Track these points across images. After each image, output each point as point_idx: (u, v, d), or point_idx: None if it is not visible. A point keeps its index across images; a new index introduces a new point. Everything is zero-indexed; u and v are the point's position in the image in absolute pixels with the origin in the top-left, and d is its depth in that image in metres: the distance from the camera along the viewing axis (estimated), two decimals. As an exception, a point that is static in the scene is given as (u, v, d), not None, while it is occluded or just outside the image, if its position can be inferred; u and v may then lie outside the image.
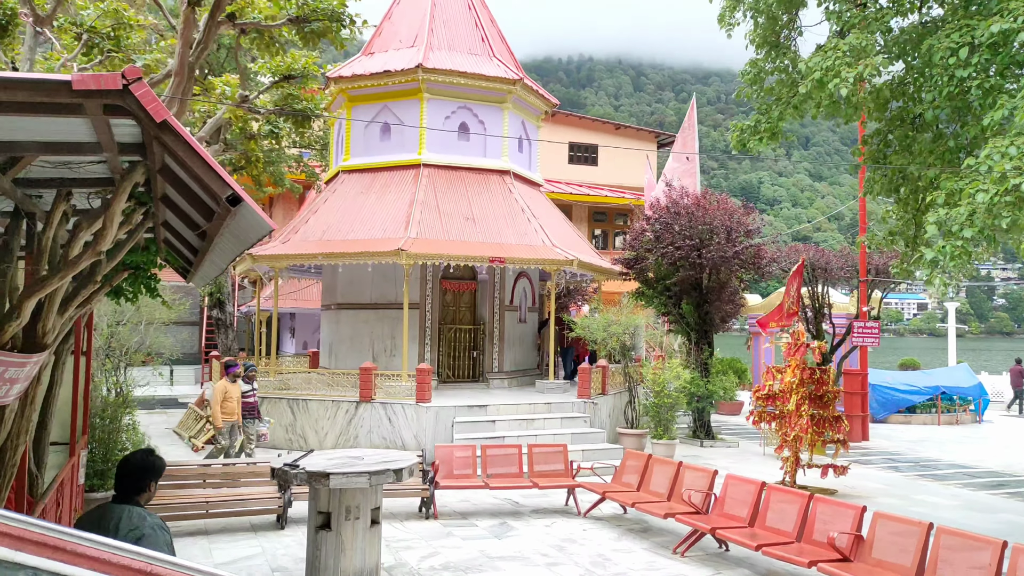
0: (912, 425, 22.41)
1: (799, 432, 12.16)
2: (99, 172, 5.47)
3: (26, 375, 5.71)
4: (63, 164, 5.32)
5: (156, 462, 4.42)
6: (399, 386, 15.24)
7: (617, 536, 10.15)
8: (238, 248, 5.76)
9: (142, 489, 4.30)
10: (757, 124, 11.38)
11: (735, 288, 18.05)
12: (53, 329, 6.01)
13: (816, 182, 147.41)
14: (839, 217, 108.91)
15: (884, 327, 18.89)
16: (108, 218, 5.30)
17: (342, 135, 19.07)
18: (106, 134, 4.27)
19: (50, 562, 2.48)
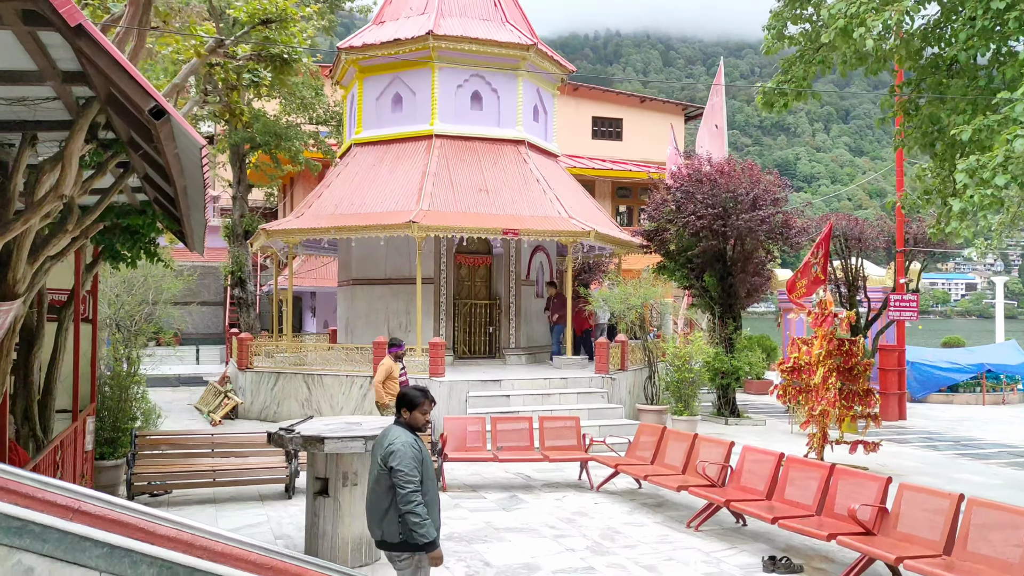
0: (954, 405, 21.54)
1: (826, 406, 11.61)
2: (59, 112, 5.23)
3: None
4: (19, 101, 5.07)
5: (407, 394, 5.30)
6: (413, 361, 14.95)
7: (629, 510, 9.79)
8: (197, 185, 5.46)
9: (399, 414, 5.28)
10: (780, 84, 10.88)
11: (761, 260, 17.41)
12: (23, 278, 5.80)
13: (857, 157, 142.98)
14: (881, 194, 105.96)
15: (929, 308, 18.13)
16: (65, 158, 5.04)
17: (354, 107, 18.76)
18: (41, 56, 4.00)
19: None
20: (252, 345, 16.99)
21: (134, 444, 9.88)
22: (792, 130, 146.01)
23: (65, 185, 5.02)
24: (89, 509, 2.48)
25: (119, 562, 2.49)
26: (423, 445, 5.18)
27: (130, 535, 2.53)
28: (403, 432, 5.12)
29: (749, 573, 7.45)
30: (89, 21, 3.26)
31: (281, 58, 10.34)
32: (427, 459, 5.10)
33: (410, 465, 4.94)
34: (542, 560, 7.76)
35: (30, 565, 2.37)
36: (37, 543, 2.36)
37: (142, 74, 3.72)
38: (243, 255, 23.73)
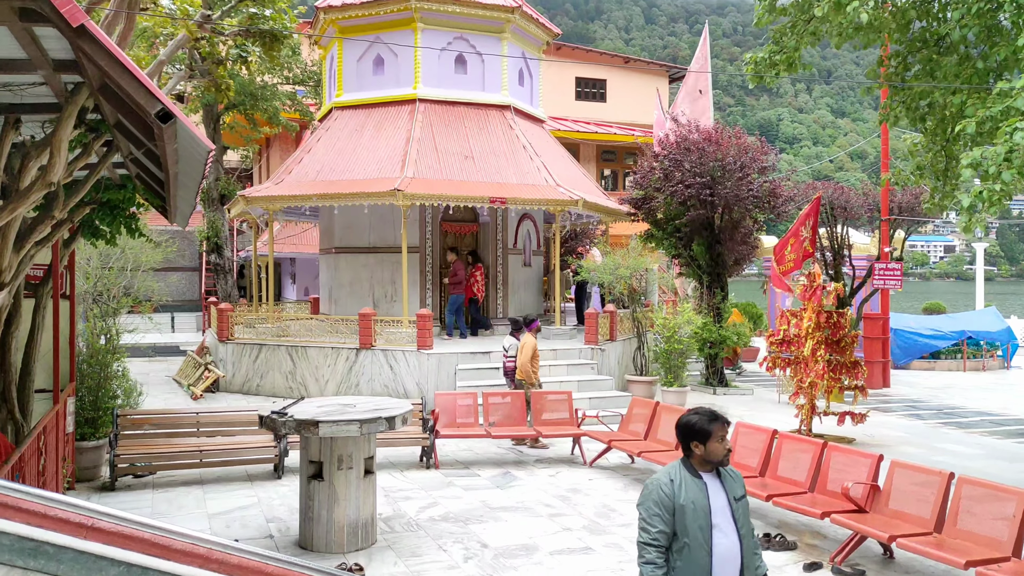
0: (936, 371, 21.76)
1: (815, 378, 11.67)
2: (45, 96, 4.95)
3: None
4: (3, 87, 4.79)
5: (693, 424, 3.95)
6: (400, 332, 14.81)
7: (623, 486, 9.79)
8: (194, 176, 5.23)
9: (687, 451, 3.99)
10: (772, 55, 10.66)
11: (749, 228, 17.33)
12: (10, 267, 5.56)
13: (838, 118, 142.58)
14: (862, 155, 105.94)
15: (908, 270, 18.17)
16: (55, 145, 4.77)
17: (334, 69, 18.26)
18: (33, 47, 3.74)
19: None
20: (233, 316, 16.69)
21: (116, 424, 9.63)
22: (774, 90, 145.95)
23: (54, 172, 4.77)
24: (103, 526, 2.38)
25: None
26: (699, 486, 3.87)
27: (146, 551, 2.44)
28: (671, 469, 3.94)
29: (746, 551, 7.49)
30: (91, 21, 3.02)
31: (271, 34, 9.97)
32: (695, 507, 3.80)
33: (648, 510, 3.83)
34: (539, 540, 7.74)
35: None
36: (52, 564, 2.27)
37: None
38: (219, 220, 23.24)
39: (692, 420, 3.95)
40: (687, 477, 3.88)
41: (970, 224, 7.67)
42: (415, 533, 7.96)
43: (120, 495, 9.20)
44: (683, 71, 32.98)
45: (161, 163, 4.84)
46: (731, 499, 3.89)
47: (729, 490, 3.92)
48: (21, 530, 2.19)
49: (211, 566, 2.51)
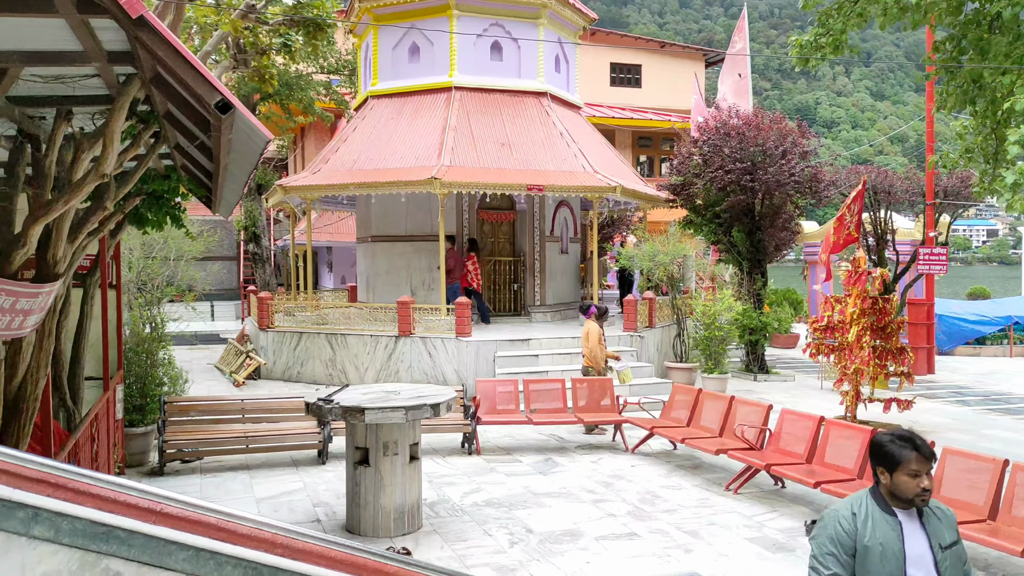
0: (981, 357, 21.37)
1: (860, 365, 11.49)
2: (97, 88, 5.01)
3: (40, 306, 5.37)
4: (56, 79, 4.85)
5: (885, 447, 3.28)
6: (438, 320, 14.86)
7: (666, 472, 9.74)
8: (246, 167, 5.27)
9: (876, 478, 3.33)
10: (817, 38, 10.44)
11: (790, 214, 17.10)
12: (64, 258, 5.64)
13: (878, 101, 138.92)
14: (903, 139, 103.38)
15: (950, 255, 17.70)
16: (108, 137, 4.83)
17: (369, 58, 18.29)
18: (89, 39, 3.78)
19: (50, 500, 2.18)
20: (272, 304, 16.87)
21: (163, 411, 9.83)
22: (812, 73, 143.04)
23: (107, 163, 4.84)
24: (170, 511, 2.40)
25: (204, 564, 2.42)
26: (891, 525, 3.17)
27: (213, 535, 2.46)
28: (855, 499, 3.30)
29: (792, 537, 7.42)
30: (150, 12, 3.05)
31: (314, 23, 10.00)
32: (883, 551, 3.10)
33: (822, 546, 3.18)
34: (584, 526, 7.74)
35: (118, 570, 2.29)
36: (123, 548, 2.28)
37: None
38: (256, 209, 23.51)
39: (883, 440, 3.30)
40: (876, 512, 3.18)
41: (1014, 202, 7.48)
42: (460, 518, 7.99)
43: (169, 480, 9.38)
44: (720, 55, 32.56)
45: (212, 153, 4.88)
46: (935, 546, 3.12)
47: (933, 534, 3.15)
48: (93, 515, 2.22)
49: (276, 550, 2.53)
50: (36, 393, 5.75)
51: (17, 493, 2.08)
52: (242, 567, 2.46)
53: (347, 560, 2.69)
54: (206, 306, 27.92)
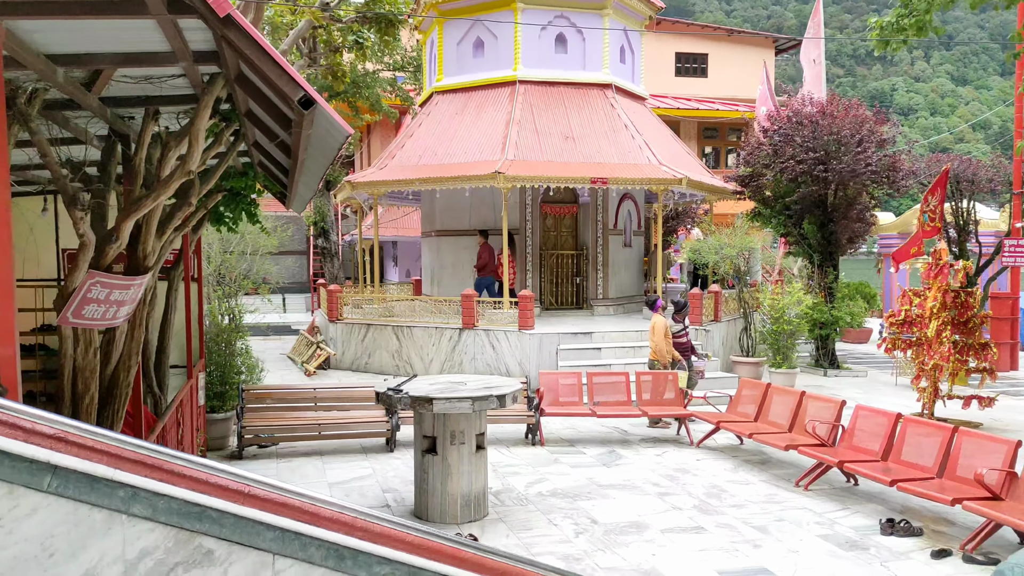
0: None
1: (939, 360, 11.15)
2: (183, 87, 5.23)
3: (131, 297, 5.66)
4: (146, 79, 5.09)
5: None
6: (501, 313, 14.99)
7: (733, 467, 9.67)
8: (323, 162, 5.44)
9: None
10: (899, 19, 10.12)
11: (865, 205, 16.62)
12: (153, 252, 5.92)
13: (959, 86, 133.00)
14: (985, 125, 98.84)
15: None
16: (193, 135, 5.06)
17: (434, 54, 18.49)
18: (177, 39, 3.97)
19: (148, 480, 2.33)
20: (342, 297, 17.25)
21: (241, 398, 10.22)
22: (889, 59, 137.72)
23: (193, 161, 5.06)
24: (258, 493, 2.52)
25: (290, 544, 2.54)
26: None
27: (298, 517, 2.57)
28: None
29: (865, 535, 7.30)
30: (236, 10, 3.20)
31: (387, 19, 10.18)
32: None
33: None
34: (649, 518, 7.75)
35: (210, 548, 2.42)
36: (215, 527, 2.39)
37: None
38: (325, 205, 24.01)
39: None
40: None
41: None
42: (525, 507, 8.09)
43: (247, 463, 9.72)
44: (790, 42, 31.86)
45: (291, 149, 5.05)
46: None
47: None
48: (187, 495, 2.34)
49: (357, 533, 2.64)
50: (128, 380, 6.06)
51: (118, 473, 2.21)
52: (325, 548, 2.58)
53: (423, 544, 2.79)
54: (278, 299, 28.67)
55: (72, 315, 4.90)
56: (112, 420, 5.99)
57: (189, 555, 2.34)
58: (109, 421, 5.96)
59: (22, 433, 2.08)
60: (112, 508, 2.20)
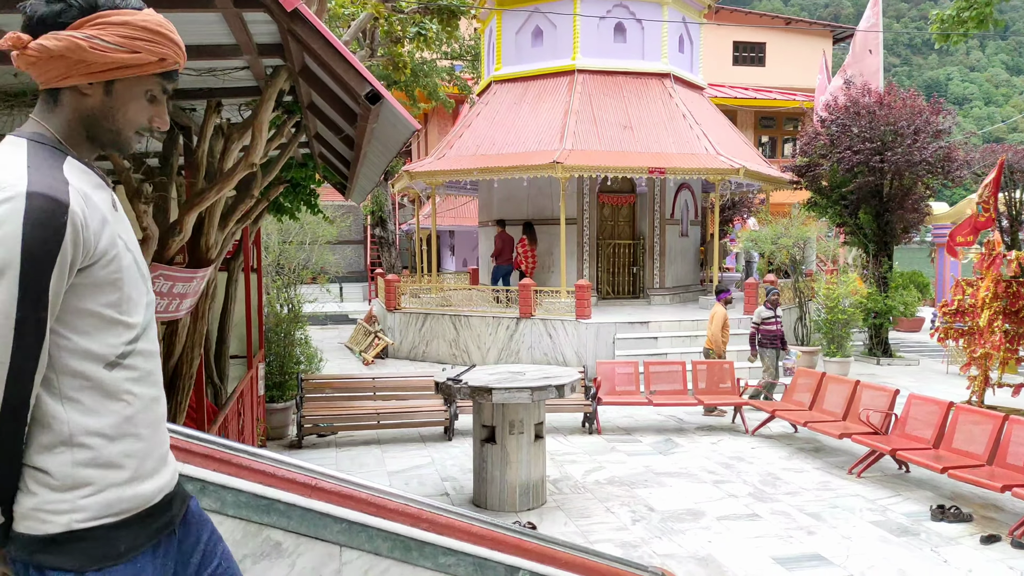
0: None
1: (990, 349, 11.01)
2: (245, 80, 5.38)
3: (194, 290, 5.85)
4: (208, 72, 5.25)
5: None
6: (558, 302, 15.06)
7: (787, 455, 9.61)
8: (386, 154, 5.55)
9: None
10: (959, 12, 9.90)
11: (920, 195, 16.32)
12: (215, 244, 6.10)
13: (1014, 76, 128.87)
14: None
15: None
16: (256, 127, 5.21)
17: (493, 43, 18.58)
18: (242, 32, 4.10)
19: (216, 475, 2.44)
20: (399, 286, 17.50)
21: (300, 388, 10.41)
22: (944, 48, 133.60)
23: (256, 153, 5.20)
24: (325, 486, 2.60)
25: (357, 536, 2.61)
26: None
27: (364, 510, 2.64)
28: None
29: (917, 521, 7.29)
30: (303, 4, 3.31)
31: (449, 10, 10.30)
32: None
33: None
34: (705, 506, 7.76)
35: (278, 540, 2.50)
36: (283, 520, 2.48)
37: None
38: (383, 195, 24.30)
39: None
40: None
41: None
42: (582, 495, 8.16)
43: (307, 452, 9.96)
44: (848, 31, 31.11)
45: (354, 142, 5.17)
46: None
47: None
48: (255, 488, 2.42)
49: (422, 524, 2.72)
50: (191, 372, 6.24)
51: (187, 467, 2.29)
52: (391, 540, 2.67)
53: (488, 535, 2.88)
54: (336, 288, 29.15)
55: (136, 308, 5.05)
56: (176, 412, 6.18)
57: (258, 547, 2.44)
58: (173, 413, 6.13)
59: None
60: None
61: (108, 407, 1.62)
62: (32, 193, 1.48)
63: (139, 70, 1.65)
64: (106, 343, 1.61)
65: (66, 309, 1.57)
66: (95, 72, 1.61)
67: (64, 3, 1.58)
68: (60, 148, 1.63)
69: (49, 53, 1.56)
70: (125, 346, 1.64)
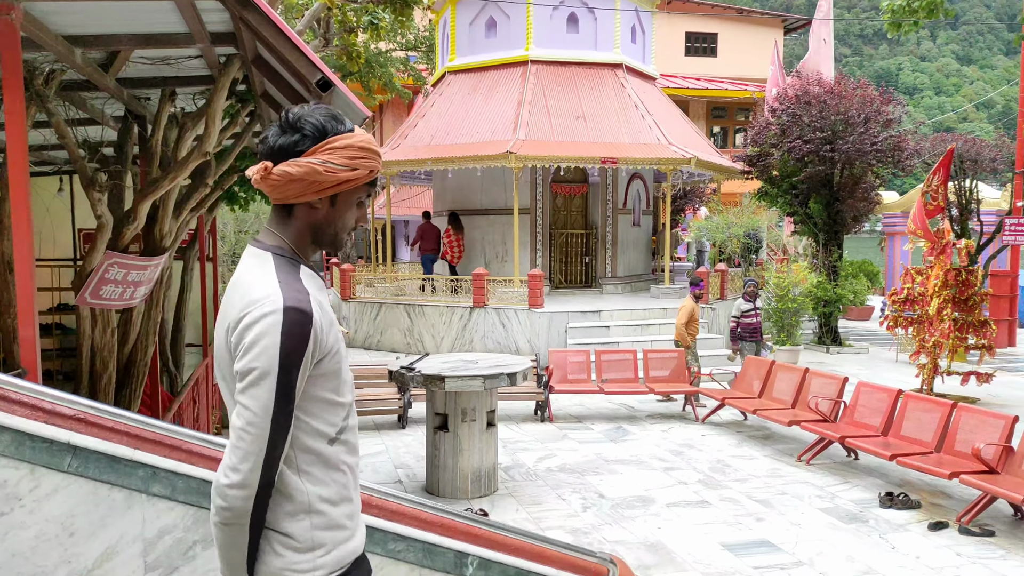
0: (1066, 330, 20.52)
1: (939, 338, 11.29)
2: (199, 69, 5.35)
3: (148, 278, 5.81)
4: (162, 61, 5.21)
5: None
6: (511, 292, 15.15)
7: (737, 442, 9.83)
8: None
9: None
10: (910, 2, 10.14)
11: (870, 184, 16.70)
12: (170, 233, 6.07)
13: (964, 66, 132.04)
14: (989, 105, 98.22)
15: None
16: (209, 116, 5.20)
17: (447, 34, 18.55)
18: (195, 21, 4.09)
19: (168, 461, 2.43)
20: (354, 276, 17.44)
21: (256, 376, 10.35)
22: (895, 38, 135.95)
23: (209, 142, 5.18)
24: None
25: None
26: None
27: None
28: None
29: (865, 508, 7.44)
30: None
31: (402, 0, 10.27)
32: None
33: None
34: (655, 492, 7.90)
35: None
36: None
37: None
38: (338, 185, 24.08)
39: None
40: None
41: None
42: (534, 482, 8.26)
43: (261, 441, 9.90)
44: (800, 21, 31.66)
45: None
46: None
47: None
48: (206, 475, 2.43)
49: (372, 511, 2.74)
50: (146, 359, 6.21)
51: (138, 454, 2.31)
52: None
53: (438, 522, 2.92)
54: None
55: (90, 296, 5.02)
56: (130, 399, 6.14)
57: (208, 533, 2.44)
58: (127, 400, 6.10)
59: (42, 414, 2.16)
60: (132, 488, 2.32)
61: (331, 477, 1.90)
62: (288, 308, 1.75)
63: (356, 183, 1.91)
64: (329, 422, 1.89)
65: (302, 396, 1.83)
66: (325, 189, 1.87)
67: (300, 134, 1.84)
68: (295, 257, 1.92)
69: (290, 177, 1.83)
70: (341, 423, 1.93)
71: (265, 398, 1.73)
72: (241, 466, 1.72)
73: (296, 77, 3.88)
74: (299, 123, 1.86)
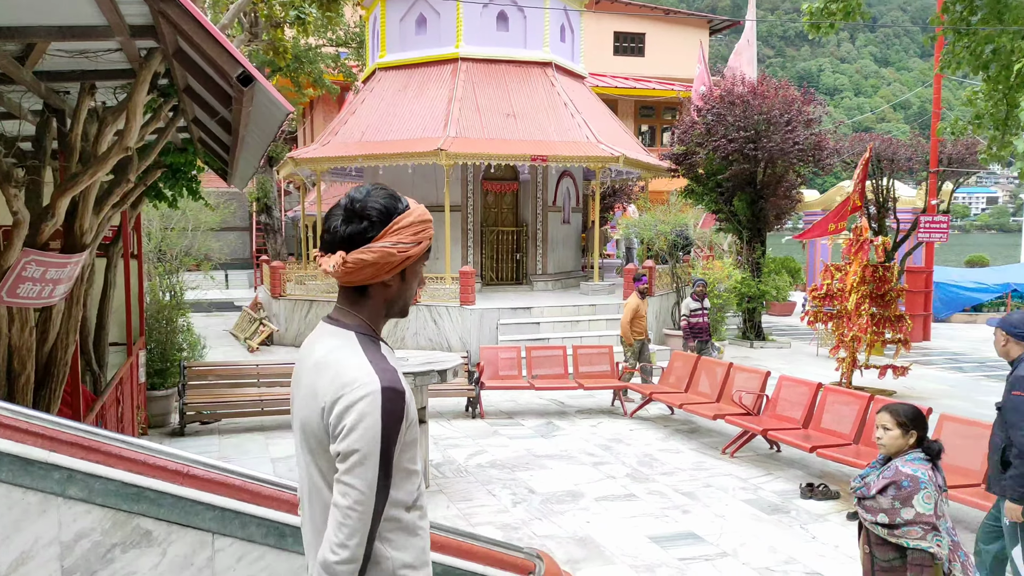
0: (977, 324, 21.46)
1: (857, 332, 11.72)
2: (119, 62, 5.23)
3: (68, 275, 5.65)
4: (81, 54, 5.07)
5: None
6: (443, 289, 15.15)
7: (664, 436, 10.04)
8: (264, 138, 5.51)
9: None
10: (828, 4, 10.46)
11: (792, 182, 17.23)
12: (90, 229, 5.91)
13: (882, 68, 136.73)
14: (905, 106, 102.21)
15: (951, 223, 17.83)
16: (130, 110, 5.07)
17: (377, 30, 18.42)
18: (113, 13, 3.99)
19: (84, 463, 2.39)
20: (284, 273, 17.20)
21: (183, 375, 10.17)
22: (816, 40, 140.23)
23: (130, 136, 5.07)
24: (197, 473, 2.57)
25: (230, 523, 2.61)
26: None
27: (237, 496, 2.61)
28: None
29: (787, 499, 7.67)
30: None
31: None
32: None
33: None
34: (584, 487, 8.02)
35: (148, 529, 2.48)
36: (153, 508, 2.48)
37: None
38: (268, 181, 23.75)
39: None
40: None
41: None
42: (465, 479, 8.30)
43: (190, 440, 9.73)
44: (725, 22, 32.34)
45: (231, 126, 5.11)
46: None
47: None
48: (124, 476, 2.40)
49: (296, 511, 2.74)
50: (66, 359, 6.03)
51: (53, 456, 2.26)
52: (265, 526, 2.68)
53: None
54: (221, 275, 28.19)
55: (6, 294, 4.87)
56: (49, 400, 5.96)
57: (127, 536, 2.42)
58: (46, 401, 5.93)
59: (-48, 417, 2.06)
60: (47, 491, 2.27)
61: (411, 543, 1.97)
62: (384, 388, 1.82)
63: (420, 254, 1.99)
64: (407, 491, 1.94)
65: None
66: (396, 267, 1.95)
67: (367, 221, 1.92)
68: (373, 335, 2.00)
69: (366, 263, 1.91)
70: (417, 491, 1.98)
71: (371, 477, 1.80)
72: (349, 542, 1.80)
73: (217, 71, 3.82)
74: (365, 211, 1.93)
